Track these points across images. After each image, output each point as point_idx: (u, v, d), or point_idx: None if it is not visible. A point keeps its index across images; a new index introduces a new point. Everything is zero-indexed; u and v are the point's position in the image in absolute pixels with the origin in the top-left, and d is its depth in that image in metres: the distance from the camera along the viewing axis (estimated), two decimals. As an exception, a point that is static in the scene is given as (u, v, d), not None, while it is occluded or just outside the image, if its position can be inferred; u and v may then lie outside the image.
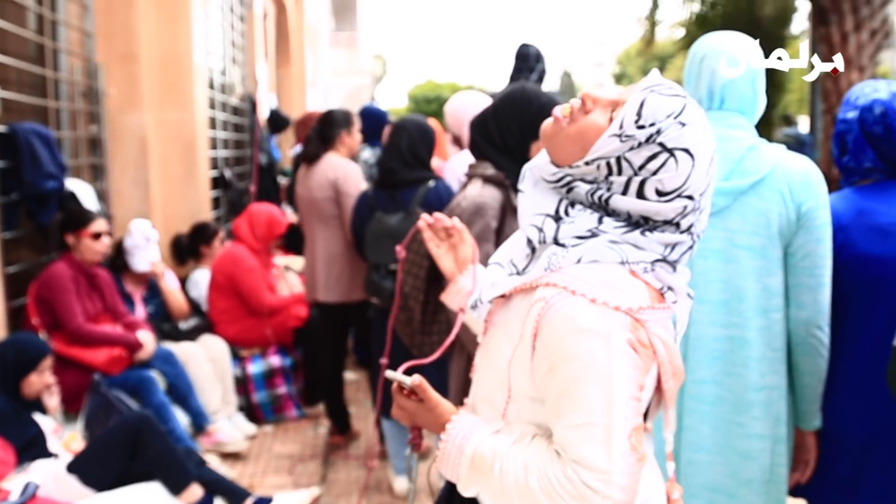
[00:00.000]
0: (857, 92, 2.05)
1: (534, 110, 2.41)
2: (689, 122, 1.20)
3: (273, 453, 4.15)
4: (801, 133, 10.54)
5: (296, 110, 10.61)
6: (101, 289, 3.73)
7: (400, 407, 1.37)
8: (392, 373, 1.35)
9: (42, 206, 3.52)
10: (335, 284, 3.98)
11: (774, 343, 1.95)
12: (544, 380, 1.19)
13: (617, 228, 1.21)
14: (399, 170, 3.44)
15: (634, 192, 1.21)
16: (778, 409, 1.97)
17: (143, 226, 4.23)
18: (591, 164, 1.22)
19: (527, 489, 1.16)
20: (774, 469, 1.99)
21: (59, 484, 2.91)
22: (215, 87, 6.34)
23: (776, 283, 1.94)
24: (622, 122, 1.19)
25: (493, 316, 1.33)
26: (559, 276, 1.19)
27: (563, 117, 1.26)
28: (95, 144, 4.57)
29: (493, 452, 1.21)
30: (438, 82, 32.72)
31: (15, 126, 3.39)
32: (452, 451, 1.26)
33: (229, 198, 6.40)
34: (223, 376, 4.26)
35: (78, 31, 4.44)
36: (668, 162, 1.19)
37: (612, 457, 1.12)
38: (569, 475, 1.13)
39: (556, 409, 1.17)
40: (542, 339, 1.18)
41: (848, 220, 1.99)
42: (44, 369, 3.09)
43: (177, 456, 3.14)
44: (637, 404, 1.15)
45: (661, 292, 1.24)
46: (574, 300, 1.16)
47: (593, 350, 1.14)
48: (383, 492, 3.71)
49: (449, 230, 1.59)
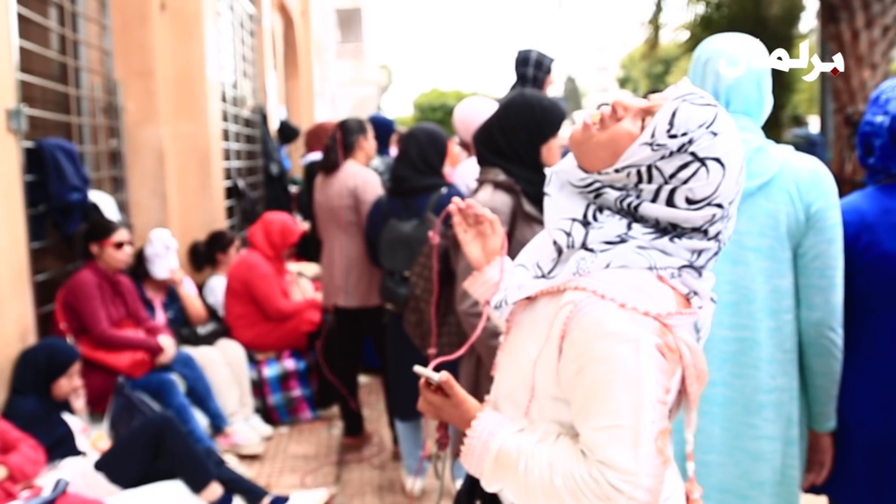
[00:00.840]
0: (887, 93, 1.97)
1: (538, 114, 2.47)
2: (721, 131, 1.20)
3: (288, 454, 4.28)
4: (812, 133, 10.36)
5: (304, 121, 10.78)
6: (124, 295, 3.87)
7: (427, 402, 1.38)
8: (421, 368, 1.36)
9: (67, 218, 3.66)
10: (354, 289, 4.06)
11: (785, 344, 1.93)
12: (571, 381, 1.20)
13: (646, 235, 1.22)
14: (410, 177, 3.49)
15: (664, 200, 1.21)
16: (789, 410, 1.95)
17: (162, 235, 4.38)
18: (622, 172, 1.22)
19: (551, 487, 1.18)
20: (785, 471, 1.97)
21: (88, 481, 3.03)
22: (227, 100, 6.49)
23: (786, 284, 1.91)
24: (654, 131, 1.19)
25: (518, 316, 1.33)
26: (588, 280, 1.20)
27: (592, 124, 1.25)
28: (115, 157, 4.73)
29: (518, 450, 1.22)
30: (443, 90, 32.72)
31: (41, 142, 3.53)
32: (477, 446, 1.27)
33: (243, 207, 6.54)
34: (240, 379, 4.40)
35: (97, 49, 4.60)
36: (699, 171, 1.19)
37: (638, 459, 1.13)
38: (595, 475, 1.14)
39: (583, 410, 1.18)
40: (570, 342, 1.19)
41: (873, 218, 1.95)
42: (73, 373, 3.23)
43: (197, 455, 3.26)
44: (663, 408, 1.17)
45: (687, 297, 1.24)
46: (603, 304, 1.16)
47: (622, 354, 1.14)
48: (396, 492, 3.81)
49: (479, 217, 1.55)
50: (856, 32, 7.27)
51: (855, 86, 7.16)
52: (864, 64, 7.22)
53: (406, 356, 3.53)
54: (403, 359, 3.56)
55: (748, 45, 1.98)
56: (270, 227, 4.80)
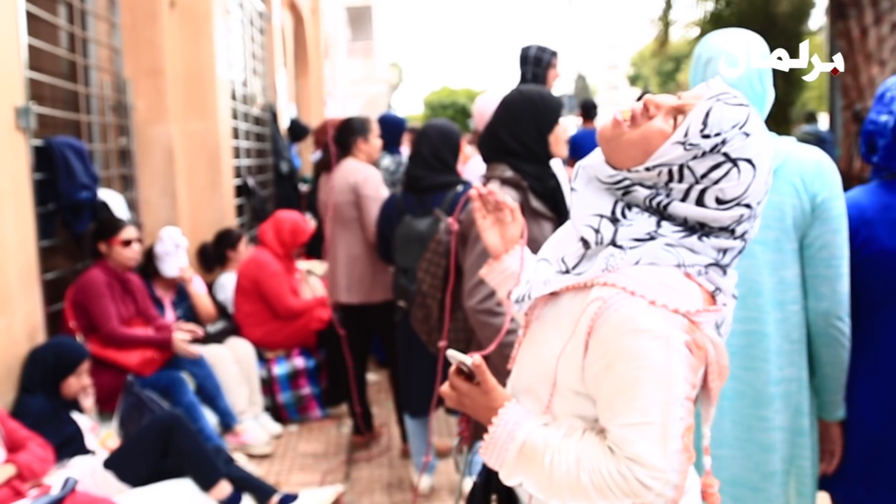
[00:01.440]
0: (892, 91, 1.97)
1: (540, 106, 2.52)
2: (753, 132, 1.20)
3: (298, 452, 4.27)
4: (821, 130, 10.37)
5: (315, 119, 10.78)
6: (134, 293, 3.87)
7: (453, 387, 1.35)
8: (454, 352, 1.34)
9: (77, 216, 3.66)
10: (357, 286, 4.07)
11: (792, 335, 1.94)
12: (598, 377, 1.19)
13: (675, 233, 1.22)
14: (425, 176, 3.48)
15: (694, 199, 1.21)
16: (797, 400, 1.96)
17: (173, 233, 4.38)
18: (653, 170, 1.22)
19: (578, 483, 1.17)
20: (795, 461, 1.98)
21: (97, 479, 3.03)
22: (237, 98, 6.49)
23: (792, 275, 1.92)
24: (688, 130, 1.19)
25: (539, 311, 1.33)
26: (617, 276, 1.19)
27: (623, 121, 1.25)
28: (125, 156, 4.73)
29: (545, 443, 1.22)
30: (454, 88, 32.76)
31: (50, 140, 3.54)
32: (503, 435, 1.25)
33: (252, 205, 6.55)
34: (249, 377, 4.40)
35: (107, 47, 4.60)
36: (730, 172, 1.19)
37: (667, 455, 1.13)
38: (623, 472, 1.14)
39: (611, 406, 1.18)
40: (597, 338, 1.18)
41: (873, 214, 1.95)
42: (82, 372, 3.23)
43: (206, 453, 3.26)
44: (690, 404, 1.17)
45: (712, 294, 1.24)
46: (633, 301, 1.16)
47: (653, 351, 1.14)
48: (405, 489, 3.81)
49: (499, 204, 1.54)
50: (864, 29, 7.29)
51: (863, 82, 7.17)
52: (873, 60, 7.22)
53: (417, 354, 3.53)
54: (414, 356, 3.55)
55: (748, 41, 1.98)
56: (281, 225, 4.80)
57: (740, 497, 1.98)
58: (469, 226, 2.72)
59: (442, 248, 2.89)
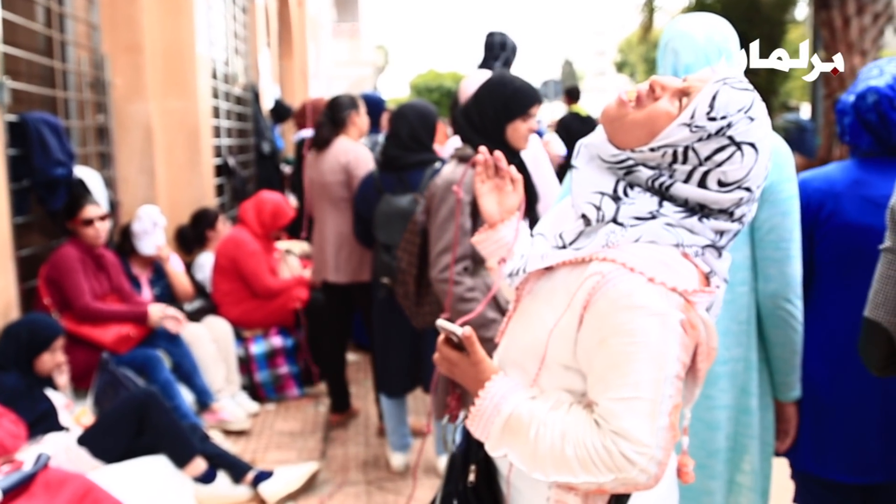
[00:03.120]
0: (864, 73, 2.03)
1: (508, 94, 2.57)
2: (757, 116, 1.22)
3: (275, 430, 4.29)
4: (803, 119, 10.50)
5: (299, 101, 10.71)
6: (108, 270, 3.86)
7: (443, 357, 1.37)
8: (444, 322, 1.34)
9: (51, 193, 3.63)
10: (344, 265, 4.06)
11: (739, 316, 1.97)
12: (590, 352, 1.20)
13: (676, 213, 1.23)
14: (401, 155, 3.51)
15: (697, 181, 1.22)
16: (744, 380, 1.99)
17: (151, 211, 4.37)
18: (657, 151, 1.22)
19: (562, 456, 1.18)
20: (740, 439, 2.01)
21: (71, 456, 3.03)
22: (218, 77, 6.45)
23: (741, 257, 1.94)
24: (694, 113, 1.20)
25: (532, 285, 1.33)
26: (617, 252, 1.20)
27: (628, 101, 1.25)
28: (103, 133, 4.70)
29: (531, 416, 1.22)
30: (440, 71, 32.64)
31: (25, 115, 3.50)
32: (489, 408, 1.26)
33: (233, 184, 6.53)
34: (227, 356, 4.40)
35: (84, 23, 4.56)
36: (734, 155, 1.20)
37: (654, 431, 1.14)
38: (608, 445, 1.15)
39: (602, 380, 1.18)
40: (593, 312, 1.19)
41: (842, 188, 1.98)
42: (56, 348, 3.22)
43: (181, 430, 3.27)
44: (679, 383, 1.18)
45: (707, 276, 1.25)
46: (632, 277, 1.17)
47: (648, 327, 1.15)
48: (381, 468, 3.83)
49: (501, 171, 1.55)
50: (847, 19, 7.37)
51: (845, 72, 7.26)
52: (855, 50, 7.31)
53: (394, 332, 3.56)
54: (392, 335, 3.58)
55: (709, 25, 2.00)
56: (263, 206, 4.78)
57: None
58: (432, 198, 2.78)
59: (418, 227, 2.94)
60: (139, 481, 3.03)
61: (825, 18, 7.53)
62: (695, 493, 2.02)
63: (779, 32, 11.51)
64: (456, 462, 1.45)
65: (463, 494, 1.39)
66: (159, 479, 3.13)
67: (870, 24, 7.38)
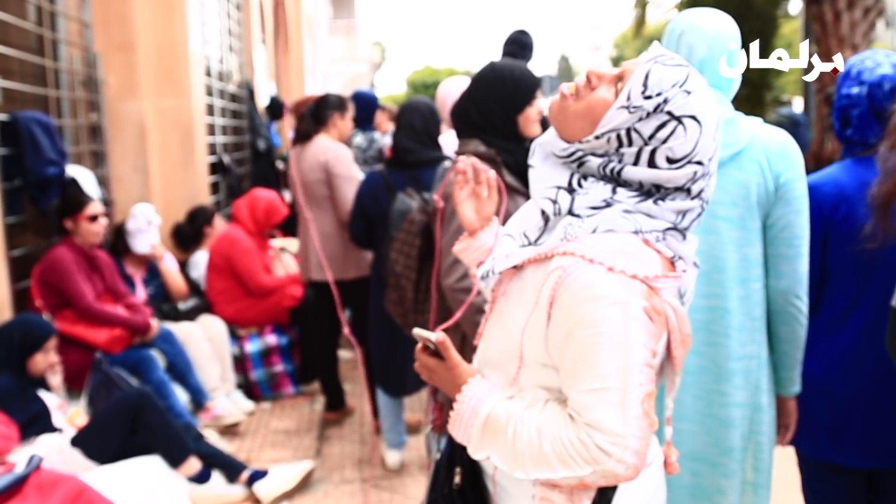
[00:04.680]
0: (857, 66, 2.03)
1: (509, 86, 2.45)
2: (694, 90, 1.23)
3: (270, 429, 4.28)
4: (796, 113, 10.55)
5: (294, 98, 10.70)
6: (102, 270, 3.84)
7: (422, 364, 1.38)
8: (419, 330, 1.37)
9: (44, 192, 3.62)
10: (328, 263, 4.07)
11: (754, 312, 1.98)
12: (560, 346, 1.21)
13: (631, 198, 1.24)
14: (416, 149, 3.45)
15: (646, 161, 1.23)
16: (757, 377, 2.00)
17: (146, 209, 4.36)
18: (602, 138, 1.24)
19: (540, 453, 1.18)
20: (753, 437, 2.01)
21: (64, 457, 3.02)
22: (212, 74, 6.43)
23: (755, 253, 1.96)
24: (629, 94, 1.22)
25: (504, 286, 1.34)
26: (576, 245, 1.21)
27: (569, 95, 1.28)
28: (96, 132, 4.68)
29: (508, 415, 1.23)
30: (436, 68, 32.66)
31: (16, 114, 3.48)
32: (467, 411, 1.27)
33: (228, 182, 6.51)
34: (221, 355, 4.39)
35: (77, 21, 4.54)
36: (676, 129, 1.22)
37: (626, 421, 1.14)
38: (583, 438, 1.15)
39: (571, 374, 1.19)
40: (558, 307, 1.19)
41: (852, 191, 1.98)
42: (49, 349, 3.20)
43: (175, 430, 3.26)
44: (650, 371, 1.18)
45: (671, 261, 1.25)
46: (592, 268, 1.17)
47: (610, 317, 1.16)
48: (376, 466, 3.82)
49: (479, 177, 1.56)
50: (838, 13, 7.41)
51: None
52: (846, 45, 7.34)
53: (400, 332, 3.50)
54: (398, 335, 3.52)
55: (720, 20, 2.01)
56: (256, 203, 4.78)
57: (699, 471, 2.01)
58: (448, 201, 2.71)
59: (416, 227, 2.87)
60: (133, 482, 3.02)
61: (816, 13, 7.56)
62: (707, 492, 2.02)
63: (771, 27, 11.54)
64: (441, 468, 1.45)
65: (449, 497, 1.39)
66: (153, 480, 3.12)
67: (860, 19, 7.42)
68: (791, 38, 14.97)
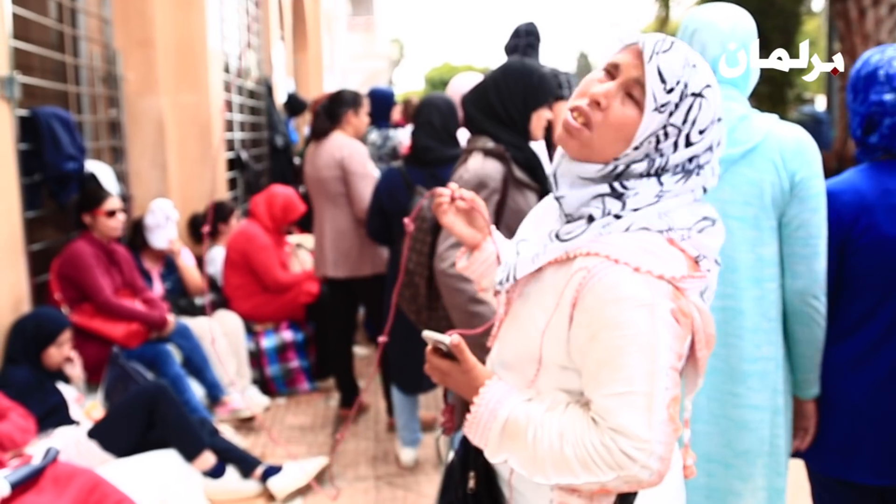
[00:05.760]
0: (886, 68, 1.92)
1: (535, 80, 2.50)
2: (694, 58, 1.22)
3: (285, 424, 4.30)
4: (818, 111, 10.39)
5: (313, 95, 10.73)
6: (120, 264, 3.88)
7: (434, 367, 1.33)
8: (430, 333, 1.32)
9: (63, 187, 3.65)
10: (343, 260, 4.07)
11: (769, 313, 1.93)
12: (583, 349, 1.18)
13: (677, 182, 1.23)
14: (435, 147, 3.43)
15: (683, 143, 1.23)
16: (774, 379, 1.95)
17: (164, 205, 4.39)
18: (640, 147, 1.21)
19: (561, 457, 1.15)
20: (773, 440, 1.97)
21: (81, 449, 3.06)
22: (231, 70, 6.45)
23: (769, 252, 1.91)
24: (654, 96, 1.19)
25: (522, 287, 1.31)
26: (600, 245, 1.18)
27: (580, 127, 1.23)
28: (115, 127, 4.72)
29: (528, 419, 1.20)
30: (455, 65, 32.63)
31: (36, 110, 3.52)
32: (485, 414, 1.23)
33: (246, 178, 6.54)
34: (237, 350, 4.42)
35: (96, 18, 4.57)
36: (702, 103, 1.22)
37: (652, 426, 1.11)
38: (607, 443, 1.12)
39: (596, 377, 1.16)
40: (582, 308, 1.17)
41: (873, 199, 1.92)
42: (63, 342, 3.23)
43: (191, 425, 3.29)
44: (675, 375, 1.15)
45: (696, 260, 1.23)
46: (617, 269, 1.15)
47: (637, 319, 1.13)
48: (390, 463, 3.83)
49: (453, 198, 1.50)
50: (862, 10, 7.28)
51: None
52: (871, 41, 7.21)
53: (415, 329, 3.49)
54: (412, 331, 3.52)
55: (735, 15, 1.96)
56: (274, 200, 4.79)
57: (713, 472, 1.98)
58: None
59: (427, 224, 2.87)
60: (148, 475, 3.05)
61: (840, 10, 7.43)
62: (722, 494, 1.98)
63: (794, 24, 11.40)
64: (454, 471, 1.41)
65: (463, 501, 1.36)
66: (168, 474, 3.15)
67: (886, 15, 7.28)
68: (814, 36, 14.78)
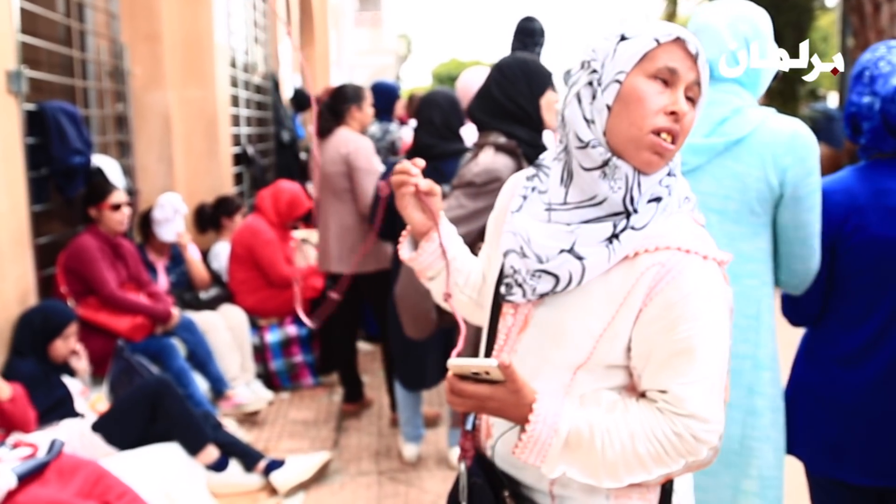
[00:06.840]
0: (871, 69, 1.87)
1: (533, 66, 2.58)
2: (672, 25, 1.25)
3: (288, 419, 4.32)
4: (830, 108, 10.31)
5: (319, 89, 10.73)
6: (126, 258, 3.89)
7: (469, 395, 1.20)
8: (461, 360, 1.19)
9: (69, 181, 3.67)
10: (347, 256, 4.08)
11: (748, 310, 1.86)
12: (651, 341, 1.18)
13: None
14: (436, 144, 3.44)
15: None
16: (750, 379, 1.89)
17: (173, 199, 4.42)
18: None
19: (634, 457, 1.16)
20: (744, 441, 1.91)
21: (85, 442, 3.07)
22: (237, 65, 6.47)
23: (751, 248, 1.86)
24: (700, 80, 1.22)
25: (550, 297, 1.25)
26: (662, 238, 1.19)
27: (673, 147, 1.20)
28: (122, 122, 4.73)
29: (590, 427, 1.18)
30: (462, 61, 32.58)
31: (43, 104, 3.53)
32: (544, 430, 1.18)
33: (252, 173, 6.55)
34: (242, 344, 4.44)
35: (104, 12, 4.59)
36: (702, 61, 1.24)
37: (718, 407, 1.18)
38: (679, 431, 1.15)
39: (667, 367, 1.17)
40: (658, 303, 1.17)
41: (864, 200, 1.88)
42: (69, 335, 3.25)
43: (194, 418, 3.30)
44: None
45: None
46: (689, 260, 1.17)
47: (714, 309, 1.18)
48: (393, 458, 3.84)
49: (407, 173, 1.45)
50: (877, 5, 7.21)
51: None
52: (885, 37, 7.14)
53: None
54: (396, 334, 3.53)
55: (737, 14, 1.92)
56: (280, 195, 4.80)
57: None
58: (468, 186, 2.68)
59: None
60: (152, 468, 3.06)
61: (854, 4, 7.34)
62: None
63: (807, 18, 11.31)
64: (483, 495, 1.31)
65: None
66: (172, 467, 3.17)
67: (901, 11, 7.20)
68: (828, 31, 14.65)
